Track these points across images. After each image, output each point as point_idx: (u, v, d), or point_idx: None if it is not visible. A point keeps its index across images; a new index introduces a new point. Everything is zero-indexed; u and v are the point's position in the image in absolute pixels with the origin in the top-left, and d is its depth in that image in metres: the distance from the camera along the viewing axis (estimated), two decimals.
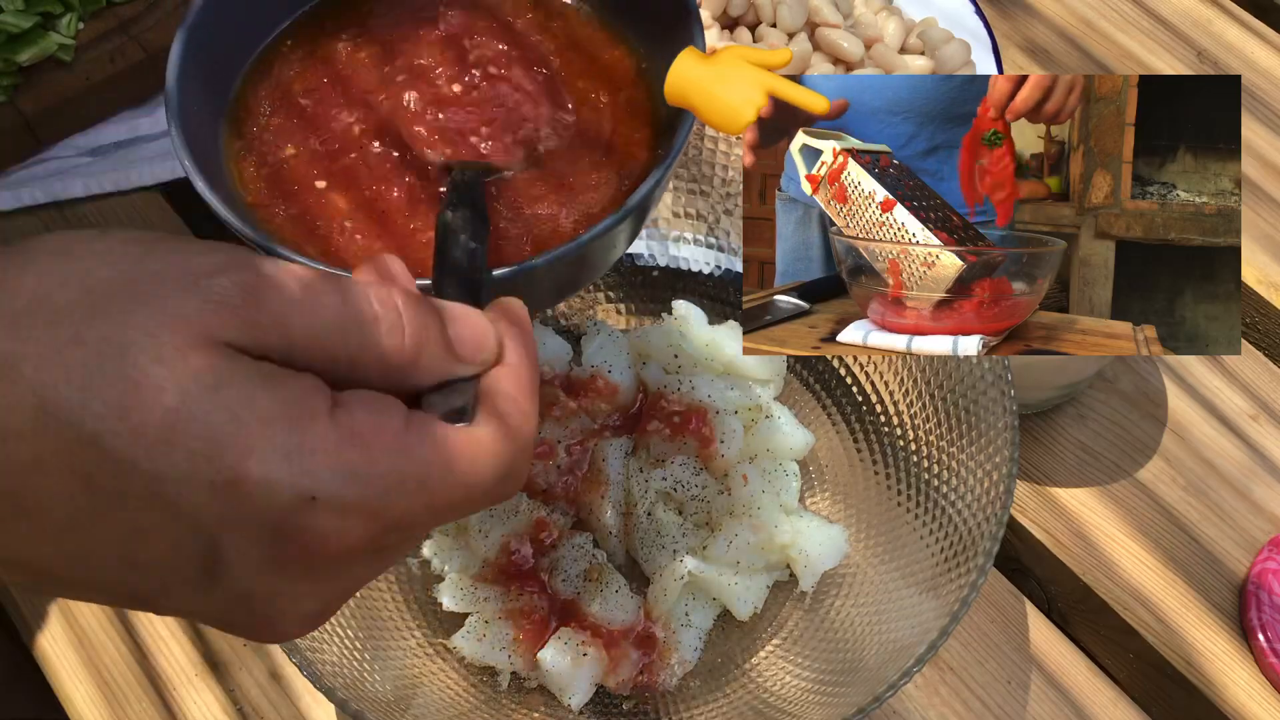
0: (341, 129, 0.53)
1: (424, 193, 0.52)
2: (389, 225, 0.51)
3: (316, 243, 0.51)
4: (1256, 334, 0.82)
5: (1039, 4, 0.98)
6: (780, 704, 0.63)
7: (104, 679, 0.69)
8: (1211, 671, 0.69)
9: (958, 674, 0.69)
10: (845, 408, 0.71)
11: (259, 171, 0.53)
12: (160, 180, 0.86)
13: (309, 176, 0.52)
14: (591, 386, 0.71)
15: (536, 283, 0.49)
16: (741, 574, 0.66)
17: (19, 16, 0.87)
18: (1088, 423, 0.77)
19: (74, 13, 0.89)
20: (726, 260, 0.74)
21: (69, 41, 0.88)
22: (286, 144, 0.53)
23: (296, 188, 0.52)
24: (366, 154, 0.53)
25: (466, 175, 0.50)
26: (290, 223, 0.52)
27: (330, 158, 0.53)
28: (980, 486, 0.61)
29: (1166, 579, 0.72)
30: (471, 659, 0.65)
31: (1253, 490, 0.75)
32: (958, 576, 0.59)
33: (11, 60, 0.86)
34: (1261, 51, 0.95)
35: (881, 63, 0.86)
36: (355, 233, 0.51)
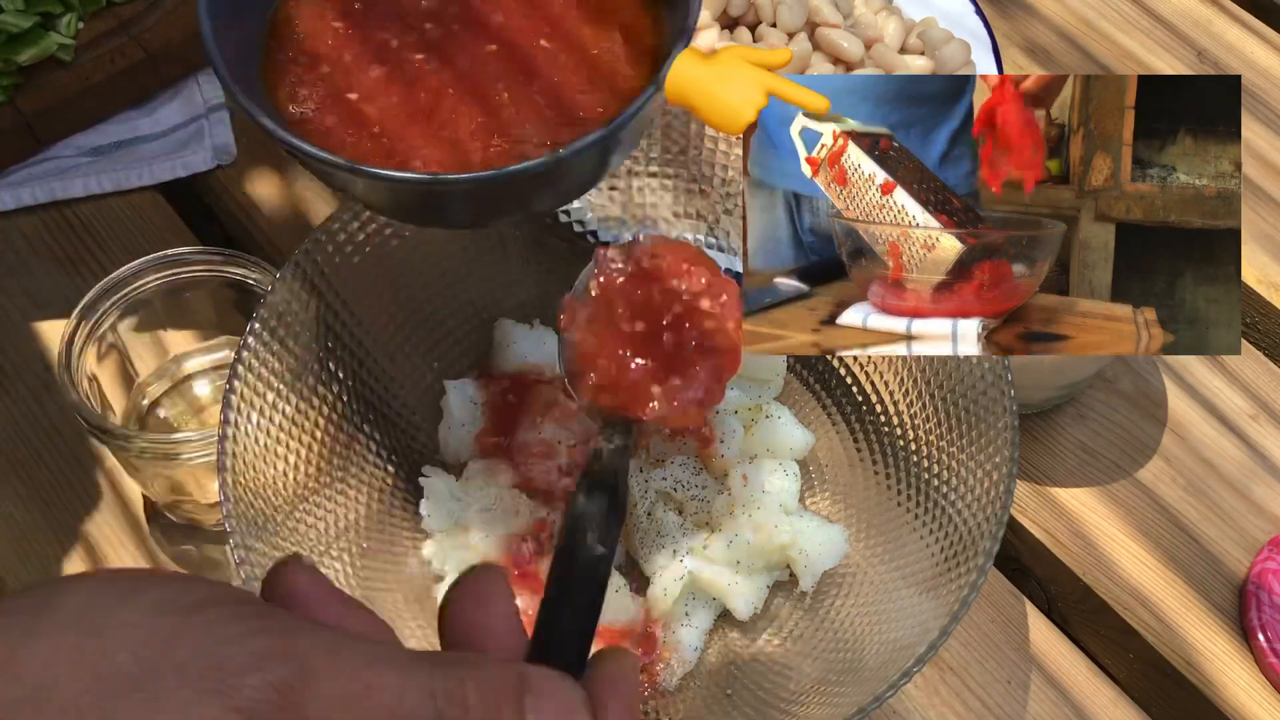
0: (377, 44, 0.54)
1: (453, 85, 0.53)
2: (420, 127, 0.52)
3: (348, 146, 0.51)
4: (1256, 334, 0.82)
5: (1039, 4, 0.98)
6: (780, 704, 0.63)
7: None
8: (1211, 671, 0.69)
9: (958, 674, 0.69)
10: (845, 408, 0.71)
11: (293, 91, 0.53)
12: (160, 180, 0.86)
13: (341, 89, 0.53)
14: None
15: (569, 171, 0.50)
16: (741, 574, 0.66)
17: (19, 16, 0.87)
18: (1088, 423, 0.77)
19: (74, 13, 0.89)
20: (726, 260, 0.74)
21: (69, 41, 0.88)
22: (321, 63, 0.54)
23: (331, 99, 0.53)
24: (404, 64, 0.53)
25: (614, 445, 0.46)
26: (323, 134, 0.52)
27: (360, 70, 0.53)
28: (980, 486, 0.61)
29: (1167, 579, 0.72)
30: None
31: (1253, 490, 0.75)
32: (958, 576, 0.59)
33: (11, 60, 0.86)
34: (1261, 51, 0.95)
35: (881, 63, 0.86)
36: (383, 136, 0.51)
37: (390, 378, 0.71)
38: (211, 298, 0.74)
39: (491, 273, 0.74)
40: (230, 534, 0.58)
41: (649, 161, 0.72)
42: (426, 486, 0.69)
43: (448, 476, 0.69)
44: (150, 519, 0.74)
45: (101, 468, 0.76)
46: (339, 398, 0.68)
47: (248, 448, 0.61)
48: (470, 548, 0.67)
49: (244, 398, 0.62)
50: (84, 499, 0.75)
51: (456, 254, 0.72)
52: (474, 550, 0.66)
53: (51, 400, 0.78)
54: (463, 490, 0.68)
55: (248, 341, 0.62)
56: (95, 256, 0.84)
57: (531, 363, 0.71)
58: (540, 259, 0.74)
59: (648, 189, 0.73)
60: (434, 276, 0.72)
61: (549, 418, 0.69)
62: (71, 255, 0.84)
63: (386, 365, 0.71)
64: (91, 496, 0.75)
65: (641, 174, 0.72)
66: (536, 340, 0.72)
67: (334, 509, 0.66)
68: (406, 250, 0.70)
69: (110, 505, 0.74)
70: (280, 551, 0.60)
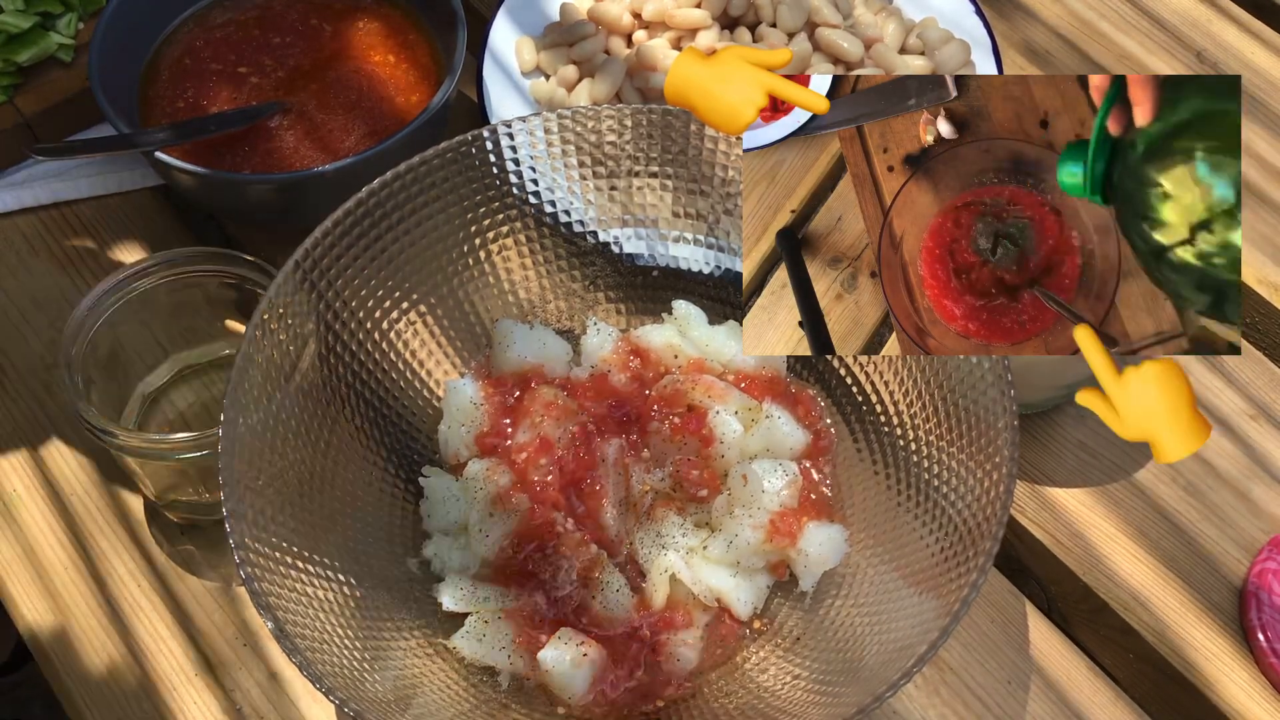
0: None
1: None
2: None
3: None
4: (1256, 334, 0.82)
5: (1038, 5, 0.98)
6: (780, 704, 0.62)
7: (104, 678, 0.69)
8: (1211, 671, 0.69)
9: (958, 674, 0.69)
10: (845, 408, 0.71)
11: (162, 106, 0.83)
12: (160, 180, 0.86)
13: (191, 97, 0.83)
14: (591, 386, 0.71)
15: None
16: (741, 574, 0.66)
17: (19, 16, 0.87)
18: (1087, 423, 0.77)
19: (74, 13, 0.89)
20: (726, 260, 0.74)
21: (69, 41, 0.88)
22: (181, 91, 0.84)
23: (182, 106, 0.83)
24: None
25: None
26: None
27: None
28: (980, 486, 0.61)
29: (1166, 579, 0.72)
30: (471, 659, 0.65)
31: (1252, 490, 0.75)
32: (958, 576, 0.59)
33: (11, 60, 0.86)
34: (1261, 52, 0.95)
35: (881, 63, 0.86)
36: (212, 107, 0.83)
37: (390, 378, 0.71)
38: (211, 298, 0.74)
39: (492, 273, 0.74)
40: (230, 534, 0.58)
41: (649, 161, 0.72)
42: (426, 486, 0.69)
43: (448, 476, 0.69)
44: (150, 519, 0.74)
45: (101, 468, 0.76)
46: (339, 397, 0.68)
47: (248, 448, 0.61)
48: (470, 548, 0.67)
49: (244, 398, 0.62)
50: (83, 499, 0.75)
51: (456, 254, 0.72)
52: (474, 550, 0.66)
53: (51, 400, 0.78)
54: (462, 490, 0.68)
55: (248, 341, 0.62)
56: (95, 256, 0.84)
57: (531, 363, 0.71)
58: (541, 259, 0.74)
59: (648, 189, 0.73)
60: (434, 276, 0.72)
61: (549, 418, 0.69)
62: (71, 255, 0.84)
63: (386, 365, 0.71)
64: (91, 496, 0.75)
65: (642, 174, 0.72)
66: (536, 340, 0.72)
67: (334, 509, 0.66)
68: (406, 250, 0.70)
69: (110, 505, 0.74)
70: (280, 551, 0.60)
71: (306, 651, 0.56)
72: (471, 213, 0.72)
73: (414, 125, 0.77)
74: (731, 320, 0.73)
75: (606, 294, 0.76)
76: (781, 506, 0.66)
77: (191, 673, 0.69)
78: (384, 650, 0.63)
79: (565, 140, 0.71)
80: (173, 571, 0.72)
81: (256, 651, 0.70)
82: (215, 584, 0.72)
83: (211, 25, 0.85)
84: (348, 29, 0.86)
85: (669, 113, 0.70)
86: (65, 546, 0.73)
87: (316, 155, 0.80)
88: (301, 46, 0.84)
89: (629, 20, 0.89)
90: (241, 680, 0.69)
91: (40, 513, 0.74)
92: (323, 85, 0.83)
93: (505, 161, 0.71)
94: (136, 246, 0.84)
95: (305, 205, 0.78)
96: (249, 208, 0.81)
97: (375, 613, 0.64)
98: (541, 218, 0.73)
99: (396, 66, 0.84)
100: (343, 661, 0.59)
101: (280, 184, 0.77)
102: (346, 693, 0.56)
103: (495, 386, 0.71)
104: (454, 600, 0.66)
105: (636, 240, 0.74)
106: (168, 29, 0.85)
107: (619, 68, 0.85)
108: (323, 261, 0.66)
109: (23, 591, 0.72)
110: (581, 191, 0.73)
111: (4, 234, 0.85)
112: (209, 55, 0.84)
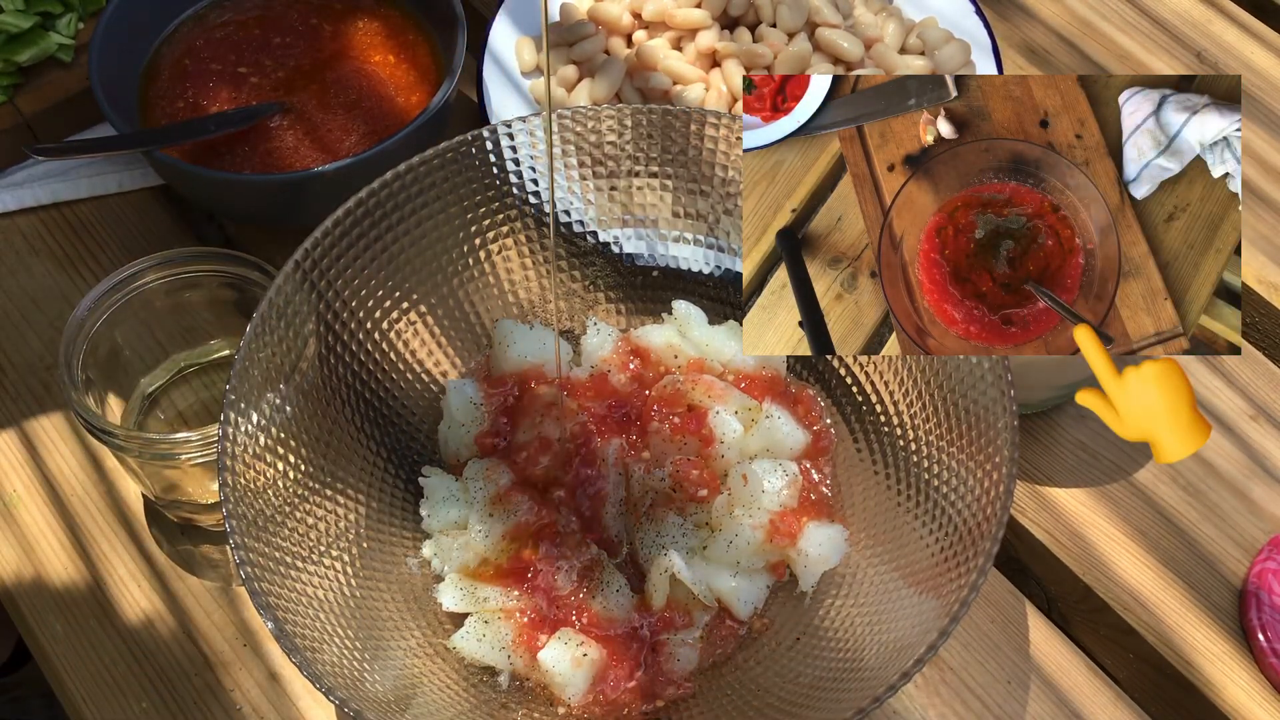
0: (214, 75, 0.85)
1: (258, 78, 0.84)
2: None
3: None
4: (1256, 334, 0.82)
5: (1038, 5, 0.98)
6: (780, 704, 0.62)
7: (104, 678, 0.69)
8: (1211, 671, 0.69)
9: (958, 674, 0.69)
10: (845, 408, 0.71)
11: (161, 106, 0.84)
12: (160, 180, 0.86)
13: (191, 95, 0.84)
14: (591, 387, 0.71)
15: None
16: (741, 574, 0.66)
17: (19, 16, 0.87)
18: (1087, 423, 0.77)
19: (74, 13, 0.89)
20: (726, 260, 0.74)
21: (69, 41, 0.88)
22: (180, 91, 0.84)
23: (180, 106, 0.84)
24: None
25: None
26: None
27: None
28: (980, 486, 0.61)
29: (1166, 579, 0.72)
30: (471, 659, 0.65)
31: (1252, 490, 0.75)
32: (958, 576, 0.59)
33: (11, 60, 0.86)
34: (1261, 52, 0.95)
35: (881, 63, 0.86)
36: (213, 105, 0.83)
37: (390, 378, 0.71)
38: (211, 298, 0.74)
39: (491, 273, 0.74)
40: (230, 534, 0.58)
41: (649, 161, 0.72)
42: (426, 486, 0.69)
43: (448, 476, 0.69)
44: (150, 519, 0.74)
45: (101, 468, 0.76)
46: (339, 397, 0.68)
47: (248, 448, 0.61)
48: (470, 548, 0.67)
49: (244, 398, 0.62)
50: (83, 499, 0.75)
51: (456, 254, 0.72)
52: (474, 550, 0.66)
53: (51, 400, 0.78)
54: (462, 490, 0.68)
55: (248, 341, 0.62)
56: (95, 256, 0.84)
57: (531, 363, 0.71)
58: (541, 259, 0.74)
59: (648, 189, 0.73)
60: (434, 276, 0.72)
61: (549, 417, 0.69)
62: (71, 255, 0.84)
63: (386, 365, 0.71)
64: (91, 496, 0.75)
65: (642, 174, 0.72)
66: (536, 340, 0.72)
67: (334, 509, 0.66)
68: (406, 250, 0.70)
69: (110, 505, 0.74)
70: (280, 551, 0.60)
71: (306, 651, 0.56)
72: (471, 213, 0.72)
73: (414, 125, 0.77)
74: (731, 320, 0.73)
75: (606, 294, 0.76)
76: (781, 506, 0.66)
77: (191, 672, 0.69)
78: (384, 650, 0.63)
79: (565, 140, 0.71)
80: (173, 571, 0.72)
81: (256, 651, 0.70)
82: (215, 584, 0.72)
83: (211, 25, 0.85)
84: (348, 29, 0.86)
85: (669, 113, 0.70)
86: (65, 546, 0.73)
87: (316, 155, 0.80)
88: (301, 47, 0.84)
89: (629, 20, 0.89)
90: (241, 680, 0.69)
91: (40, 513, 0.74)
92: (323, 85, 0.83)
93: (505, 162, 0.71)
94: (136, 246, 0.84)
95: (305, 205, 0.78)
96: (249, 208, 0.81)
97: (375, 613, 0.64)
98: (541, 218, 0.73)
99: (396, 67, 0.84)
100: (343, 661, 0.59)
101: (280, 184, 0.77)
102: (346, 693, 0.56)
103: (495, 386, 0.71)
104: (454, 600, 0.66)
105: (636, 240, 0.74)
106: (168, 29, 0.85)
107: (619, 68, 0.85)
108: (323, 261, 0.66)
109: (22, 591, 0.72)
110: (581, 191, 0.73)
111: (4, 234, 0.85)
112: (209, 55, 0.84)
